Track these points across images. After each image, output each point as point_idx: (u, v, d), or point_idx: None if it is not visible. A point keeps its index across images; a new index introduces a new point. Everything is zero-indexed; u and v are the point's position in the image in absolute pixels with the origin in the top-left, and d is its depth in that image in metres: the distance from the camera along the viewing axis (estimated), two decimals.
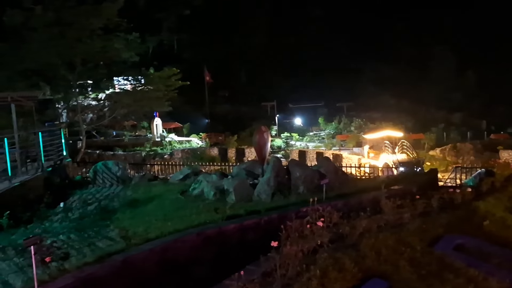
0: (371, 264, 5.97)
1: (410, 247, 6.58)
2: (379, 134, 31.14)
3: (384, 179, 13.27)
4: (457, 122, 48.18)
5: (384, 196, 8.41)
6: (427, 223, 7.69)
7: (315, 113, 54.70)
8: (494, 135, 42.18)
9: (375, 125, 40.81)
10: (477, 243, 7.33)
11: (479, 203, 8.93)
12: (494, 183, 10.99)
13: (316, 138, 46.15)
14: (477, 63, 54.41)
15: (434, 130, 41.56)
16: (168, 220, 8.44)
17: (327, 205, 7.99)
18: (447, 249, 6.86)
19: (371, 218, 7.36)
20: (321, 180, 10.32)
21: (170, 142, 39.70)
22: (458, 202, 9.30)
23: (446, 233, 7.46)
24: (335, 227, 6.83)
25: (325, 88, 57.30)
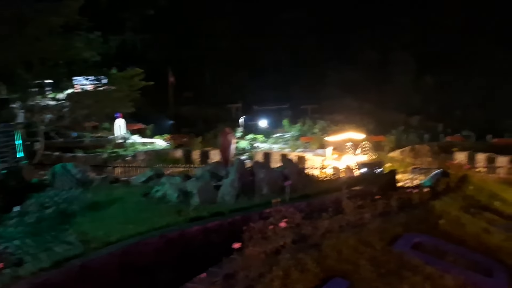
0: (333, 263, 6.07)
1: (371, 246, 6.74)
2: (342, 136, 31.76)
3: (346, 180, 13.53)
4: (415, 125, 49.79)
5: (345, 196, 8.57)
6: (386, 222, 7.90)
7: (280, 115, 55.09)
8: (450, 138, 43.89)
9: (338, 127, 41.50)
10: (434, 241, 7.60)
11: (435, 202, 9.27)
12: (449, 183, 11.44)
13: (281, 140, 46.41)
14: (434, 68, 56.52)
15: (394, 133, 42.75)
16: (129, 223, 8.27)
17: (290, 206, 8.06)
18: (405, 248, 7.07)
19: (333, 219, 7.48)
20: (284, 181, 10.41)
21: (133, 143, 38.93)
22: (416, 202, 9.61)
23: (404, 232, 7.69)
24: (297, 228, 6.90)
25: (290, 90, 57.90)
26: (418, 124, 50.42)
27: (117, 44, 51.15)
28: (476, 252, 7.29)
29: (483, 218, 9.04)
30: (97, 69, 30.11)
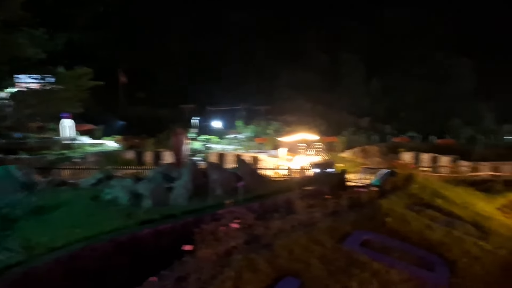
0: (285, 263, 6.15)
1: (321, 245, 6.90)
2: (295, 137, 32.25)
3: (298, 180, 13.76)
4: (365, 126, 51.51)
5: (297, 197, 8.71)
6: (337, 221, 8.09)
7: (234, 116, 55.19)
8: (397, 139, 45.77)
9: (291, 128, 42.14)
10: (381, 238, 7.89)
11: (383, 201, 9.61)
12: (395, 182, 11.89)
13: (235, 141, 46.50)
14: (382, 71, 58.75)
15: (345, 134, 44.03)
16: (77, 227, 7.99)
17: (243, 207, 8.10)
18: (354, 245, 7.29)
19: (285, 219, 7.59)
20: (238, 182, 10.44)
21: (81, 145, 37.54)
22: (365, 201, 9.92)
23: (354, 230, 7.92)
24: (250, 229, 6.94)
25: (244, 91, 58.13)
26: (367, 125, 52.19)
27: (65, 41, 49.11)
28: (419, 248, 7.63)
29: (426, 215, 9.46)
30: (42, 67, 28.81)
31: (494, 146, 40.89)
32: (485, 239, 8.65)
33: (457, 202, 11.65)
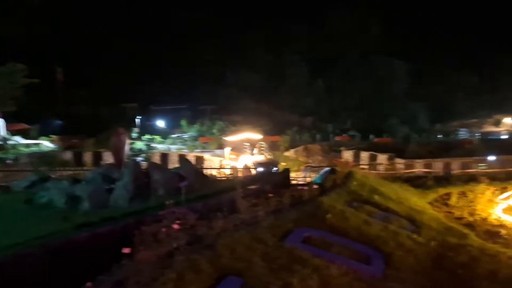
0: (227, 262, 6.14)
1: (263, 243, 6.96)
2: (239, 137, 32.36)
3: (242, 179, 13.82)
4: (308, 125, 52.72)
5: (240, 196, 8.74)
6: (279, 219, 8.21)
7: (178, 115, 54.40)
8: (339, 137, 47.28)
9: (236, 128, 42.25)
10: (321, 234, 8.10)
11: (324, 198, 9.88)
12: (336, 180, 12.27)
13: (179, 140, 45.87)
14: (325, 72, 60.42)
15: (289, 133, 44.82)
16: (6, 233, 7.50)
17: (186, 208, 7.99)
18: (296, 242, 7.43)
19: (228, 218, 7.58)
20: (181, 182, 10.29)
21: (15, 145, 35.36)
22: (306, 198, 10.15)
23: (296, 227, 8.07)
24: (192, 229, 6.86)
25: (189, 91, 57.46)
26: (311, 124, 53.44)
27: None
28: (358, 242, 7.93)
29: (364, 211, 9.86)
30: None
31: (427, 144, 43.40)
32: (418, 232, 9.15)
33: (393, 197, 12.24)
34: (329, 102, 57.80)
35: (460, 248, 8.40)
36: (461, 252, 8.15)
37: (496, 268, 7.35)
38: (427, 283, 6.75)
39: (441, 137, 52.83)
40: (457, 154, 31.66)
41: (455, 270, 7.38)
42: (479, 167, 21.62)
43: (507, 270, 7.29)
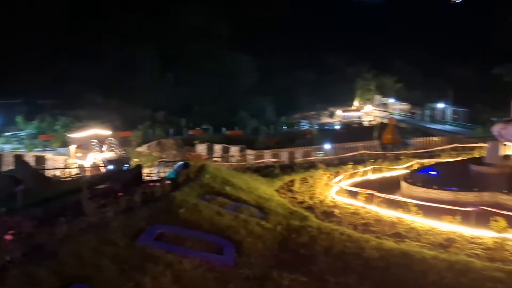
0: (73, 270, 5.72)
1: (114, 245, 6.66)
2: (86, 133, 30.16)
3: (88, 179, 12.95)
4: (161, 120, 51.85)
5: (87, 197, 8.19)
6: (130, 218, 7.94)
7: (13, 111, 48.19)
8: (192, 131, 47.63)
9: (82, 124, 39.31)
10: (175, 230, 8.09)
11: (177, 193, 9.86)
12: (189, 174, 12.35)
13: (14, 139, 40.85)
14: (177, 66, 60.08)
15: (141, 128, 43.51)
16: None
17: (22, 215, 7.18)
18: (149, 240, 7.28)
19: (73, 222, 7.05)
20: (16, 186, 9.19)
21: None
22: (159, 194, 10.00)
23: (148, 225, 7.90)
24: (30, 238, 6.20)
25: (24, 84, 51.13)
26: (163, 119, 52.62)
27: None
28: (211, 234, 8.13)
29: (216, 202, 10.14)
30: None
31: (274, 135, 46.60)
32: (266, 218, 9.79)
33: (244, 188, 12.83)
34: (181, 96, 57.66)
35: (302, 229, 9.26)
36: (302, 233, 8.99)
37: (331, 244, 8.31)
38: (274, 264, 7.28)
39: (286, 128, 57.26)
40: (300, 143, 34.66)
41: (298, 250, 8.12)
42: (317, 155, 24.06)
43: (339, 245, 8.30)
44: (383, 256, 7.75)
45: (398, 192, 14.30)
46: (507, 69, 33.19)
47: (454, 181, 13.44)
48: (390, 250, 8.09)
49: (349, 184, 15.43)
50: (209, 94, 57.79)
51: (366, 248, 8.09)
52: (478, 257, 8.11)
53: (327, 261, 7.43)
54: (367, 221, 10.73)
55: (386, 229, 10.03)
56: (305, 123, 60.63)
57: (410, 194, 13.47)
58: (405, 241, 9.15)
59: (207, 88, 58.57)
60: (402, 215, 11.05)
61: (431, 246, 8.82)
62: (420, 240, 9.22)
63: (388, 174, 17.64)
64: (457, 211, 10.51)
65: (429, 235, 9.59)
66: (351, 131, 47.79)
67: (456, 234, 9.67)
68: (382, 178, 17.11)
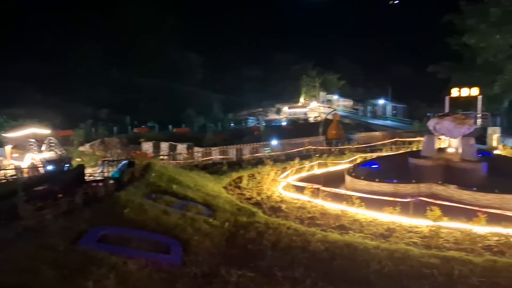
0: (8, 277, 5.39)
1: (52, 249, 6.35)
2: (23, 132, 28.47)
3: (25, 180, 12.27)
4: (104, 118, 50.06)
5: (22, 199, 7.75)
6: (70, 221, 7.61)
7: None
8: (137, 129, 46.40)
9: (18, 123, 37.07)
10: (119, 231, 7.85)
11: (121, 193, 9.57)
12: (134, 173, 12.04)
13: None
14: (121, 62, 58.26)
15: (83, 126, 41.78)
16: None
17: None
18: (91, 243, 7.01)
19: (7, 227, 6.65)
20: None
21: None
22: (102, 195, 9.67)
23: (91, 227, 7.60)
24: None
25: None
26: (107, 117, 50.84)
27: None
28: (157, 233, 7.97)
29: (163, 201, 9.96)
30: None
31: (222, 132, 46.45)
32: (213, 216, 9.75)
33: (191, 186, 12.71)
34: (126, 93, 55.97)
35: (250, 225, 9.32)
36: (250, 229, 9.05)
37: (278, 239, 8.43)
38: (222, 261, 7.26)
39: (234, 125, 57.26)
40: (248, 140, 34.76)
41: (245, 246, 8.15)
42: (265, 151, 24.27)
43: (286, 239, 8.44)
44: (328, 248, 7.97)
45: (342, 186, 14.78)
46: (441, 67, 35.08)
47: (394, 174, 14.08)
48: (335, 242, 8.33)
49: (295, 179, 15.74)
50: (156, 91, 56.60)
51: (312, 241, 8.28)
52: (416, 245, 8.55)
53: (275, 255, 7.53)
54: (313, 215, 11.00)
55: (331, 221, 10.33)
56: (252, 119, 60.96)
57: (354, 187, 13.97)
58: (349, 232, 9.47)
59: (153, 85, 57.34)
60: (346, 208, 11.44)
61: (373, 236, 9.19)
62: (363, 231, 9.58)
63: (333, 169, 18.17)
64: (397, 202, 11.03)
65: (371, 226, 9.99)
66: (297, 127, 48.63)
67: (396, 224, 10.16)
68: (327, 173, 17.61)
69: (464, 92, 29.73)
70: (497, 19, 26.90)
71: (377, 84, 63.17)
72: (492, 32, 26.76)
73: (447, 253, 7.82)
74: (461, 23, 31.36)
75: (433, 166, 14.74)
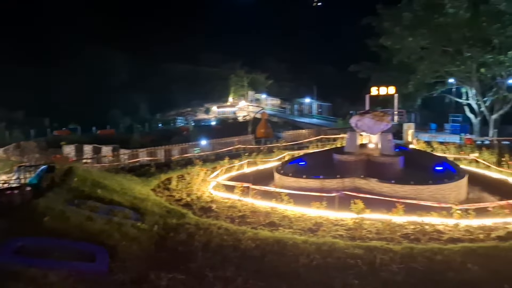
0: None
1: None
2: None
3: None
4: (20, 120, 46.67)
5: None
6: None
7: None
8: (57, 132, 43.81)
9: None
10: (38, 241, 7.34)
11: (39, 200, 8.96)
12: (54, 178, 11.33)
13: None
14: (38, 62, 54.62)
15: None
16: None
17: None
18: (6, 256, 6.50)
19: None
20: None
21: None
22: (18, 203, 9.00)
23: (5, 239, 7.04)
24: None
25: None
26: (23, 119, 47.45)
27: None
28: (81, 242, 7.55)
29: (87, 207, 9.45)
30: None
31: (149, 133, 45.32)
32: (142, 219, 9.45)
33: (117, 189, 12.23)
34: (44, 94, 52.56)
35: (180, 227, 9.17)
36: (180, 231, 8.90)
37: (209, 239, 8.38)
38: (151, 266, 7.06)
39: (162, 126, 56.11)
40: (177, 141, 34.23)
41: (176, 248, 8.00)
42: (194, 152, 24.01)
43: (217, 239, 8.42)
44: (258, 245, 8.07)
45: (272, 183, 15.06)
46: (361, 67, 37.02)
47: (320, 170, 14.61)
48: (265, 239, 8.46)
49: (225, 178, 15.76)
50: (77, 91, 53.75)
51: (243, 240, 8.34)
52: (342, 238, 8.95)
53: (206, 256, 7.47)
54: (244, 213, 11.09)
55: (262, 219, 10.48)
56: (181, 120, 60.18)
57: (283, 184, 14.29)
58: (279, 229, 9.67)
59: (75, 85, 54.42)
60: (275, 205, 11.67)
61: (302, 231, 9.47)
62: (292, 227, 9.83)
63: (262, 167, 18.45)
64: (323, 197, 11.46)
65: (300, 222, 10.28)
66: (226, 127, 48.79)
67: (323, 218, 10.55)
68: (257, 171, 17.85)
69: (382, 91, 31.65)
70: (409, 22, 28.89)
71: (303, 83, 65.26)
72: (405, 34, 28.67)
73: (370, 243, 8.27)
74: (378, 26, 33.29)
75: (356, 161, 15.49)
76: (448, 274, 6.66)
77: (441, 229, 9.50)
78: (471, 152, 17.96)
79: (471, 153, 17.79)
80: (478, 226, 9.68)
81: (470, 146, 19.38)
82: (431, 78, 29.50)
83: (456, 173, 13.74)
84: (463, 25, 26.80)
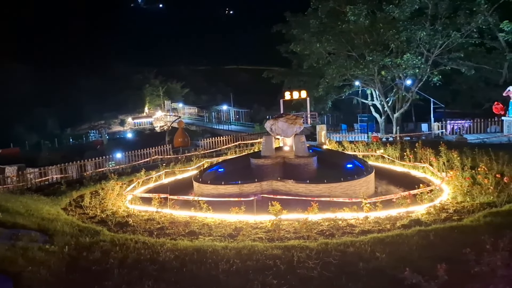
0: None
1: None
2: None
3: None
4: None
5: None
6: None
7: None
8: None
9: None
10: None
11: None
12: None
13: None
14: None
15: None
16: None
17: None
18: None
19: None
20: None
21: None
22: None
23: None
24: None
25: None
26: None
27: None
28: None
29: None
30: None
31: (60, 150, 42.59)
32: (50, 241, 8.83)
33: (21, 211, 11.34)
34: None
35: (93, 245, 8.70)
36: (94, 249, 8.45)
37: (125, 255, 8.05)
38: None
39: (73, 141, 52.96)
40: (90, 155, 32.48)
41: (89, 268, 7.57)
42: (109, 165, 22.99)
43: (134, 254, 8.13)
44: (178, 256, 7.93)
45: (191, 192, 14.88)
46: (274, 73, 38.14)
47: (238, 175, 14.73)
48: (184, 249, 8.34)
49: (142, 191, 15.31)
50: None
51: (161, 252, 8.14)
52: (261, 240, 9.09)
53: (122, 272, 7.17)
54: (163, 225, 10.83)
55: (181, 229, 10.31)
56: (94, 133, 57.35)
57: (202, 192, 14.20)
58: (199, 237, 9.58)
59: None
60: (195, 214, 11.56)
61: (222, 237, 9.46)
62: (212, 234, 9.79)
63: (181, 176, 18.19)
64: (242, 202, 11.58)
65: (220, 228, 10.27)
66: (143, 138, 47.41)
67: (243, 222, 10.65)
68: (175, 181, 17.55)
69: (295, 95, 32.82)
70: (316, 29, 30.35)
71: (220, 91, 65.59)
72: (313, 41, 30.05)
73: (288, 243, 8.50)
74: (288, 33, 34.56)
75: (273, 164, 15.86)
76: (359, 264, 7.05)
77: (353, 223, 10.05)
78: (377, 149, 19.24)
79: (377, 150, 19.07)
80: (385, 217, 10.40)
81: (377, 143, 20.75)
82: (339, 82, 31.18)
83: (364, 169, 14.62)
84: (363, 31, 28.77)
